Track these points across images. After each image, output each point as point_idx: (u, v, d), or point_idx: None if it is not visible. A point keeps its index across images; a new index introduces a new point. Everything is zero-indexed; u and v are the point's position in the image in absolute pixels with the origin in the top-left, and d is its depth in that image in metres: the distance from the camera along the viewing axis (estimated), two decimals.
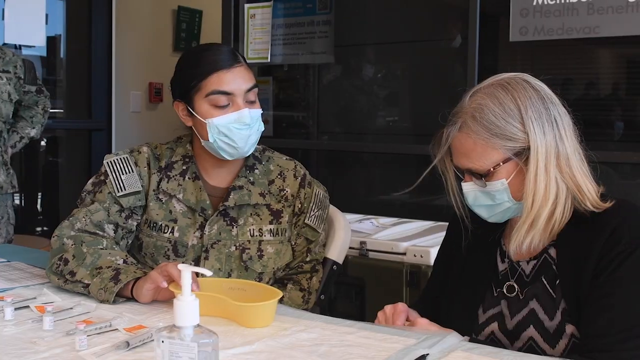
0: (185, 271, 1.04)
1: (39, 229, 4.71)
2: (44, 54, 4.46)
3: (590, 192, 1.40)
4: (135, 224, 1.81)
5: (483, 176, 1.40)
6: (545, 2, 2.86)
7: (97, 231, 1.75)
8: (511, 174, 1.39)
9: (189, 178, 1.83)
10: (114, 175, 1.80)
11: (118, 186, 1.79)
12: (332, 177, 1.94)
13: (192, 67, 1.78)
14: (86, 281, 1.62)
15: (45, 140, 4.79)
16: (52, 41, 4.49)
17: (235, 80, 1.75)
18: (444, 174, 1.49)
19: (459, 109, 1.43)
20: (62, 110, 4.71)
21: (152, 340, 1.30)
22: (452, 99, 1.50)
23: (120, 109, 4.70)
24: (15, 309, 1.48)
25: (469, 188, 1.44)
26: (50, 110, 4.58)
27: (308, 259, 1.88)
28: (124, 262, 1.67)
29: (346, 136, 4.14)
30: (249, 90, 1.77)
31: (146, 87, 4.90)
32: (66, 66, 4.66)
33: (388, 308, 1.53)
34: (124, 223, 1.79)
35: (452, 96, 1.50)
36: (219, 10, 4.01)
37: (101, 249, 1.70)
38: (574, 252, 1.40)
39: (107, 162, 1.82)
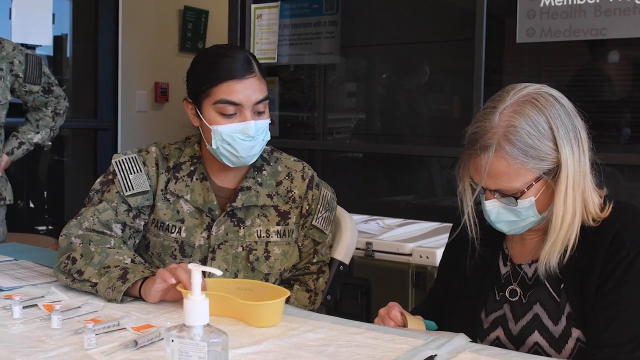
0: (196, 270, 1.05)
1: (44, 227, 4.72)
2: (51, 53, 4.47)
3: (594, 209, 1.39)
4: (142, 223, 1.82)
5: (514, 196, 1.38)
6: (552, 4, 2.85)
7: (105, 230, 1.75)
8: (539, 191, 1.38)
9: (196, 179, 1.83)
10: (122, 175, 1.80)
11: (126, 185, 1.79)
12: (338, 177, 1.94)
13: (205, 71, 1.76)
14: (94, 280, 1.62)
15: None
16: (58, 40, 4.50)
17: (245, 91, 1.73)
18: (460, 195, 1.46)
19: (487, 128, 1.37)
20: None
21: (161, 339, 1.31)
22: (458, 101, 1.49)
23: (126, 108, 4.70)
24: (24, 307, 1.49)
25: (492, 205, 1.41)
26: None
27: (315, 260, 1.88)
28: (132, 261, 1.67)
29: (352, 137, 4.14)
30: (259, 102, 1.76)
31: (152, 86, 4.91)
32: (72, 65, 4.67)
33: (382, 310, 1.54)
34: (131, 222, 1.79)
35: (458, 98, 1.50)
36: (226, 11, 4.02)
37: (109, 248, 1.70)
38: (578, 257, 1.39)
39: (116, 162, 1.82)
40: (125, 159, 1.83)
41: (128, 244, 1.79)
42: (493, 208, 1.41)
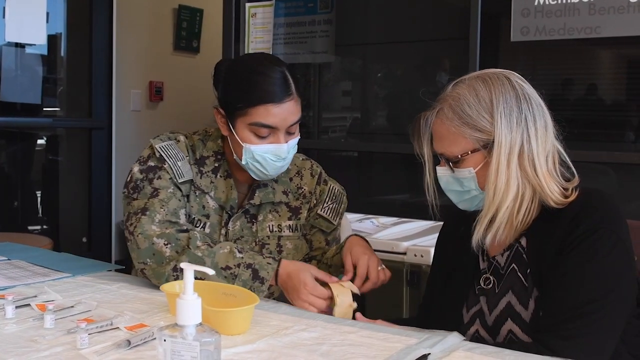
0: (188, 270, 1.05)
1: (38, 227, 4.71)
2: (45, 52, 4.45)
3: (553, 193, 1.42)
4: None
5: (453, 162, 1.45)
6: (547, 2, 2.86)
7: (176, 220, 1.71)
8: (479, 164, 1.44)
9: (220, 176, 1.82)
10: (172, 161, 1.76)
11: (178, 172, 1.75)
12: (333, 176, 1.95)
13: (242, 89, 1.72)
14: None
15: (45, 138, 4.78)
16: (52, 39, 4.49)
17: (282, 114, 1.70)
18: (422, 158, 1.53)
19: (441, 96, 1.49)
20: (62, 109, 4.71)
21: (153, 338, 1.31)
22: None
23: (121, 107, 4.69)
24: (16, 307, 1.48)
25: (442, 172, 1.50)
26: (51, 109, 4.63)
27: (328, 248, 1.89)
28: (239, 251, 1.66)
29: (346, 136, 4.14)
30: (293, 124, 1.74)
31: (146, 85, 4.90)
32: (67, 65, 4.66)
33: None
34: (188, 208, 1.78)
35: None
36: (220, 9, 4.01)
37: (209, 246, 1.67)
38: (542, 240, 1.42)
39: (160, 147, 1.77)
40: (167, 145, 1.78)
41: None
42: (443, 175, 1.50)
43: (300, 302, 1.60)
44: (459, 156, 1.44)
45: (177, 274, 1.63)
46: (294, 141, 1.77)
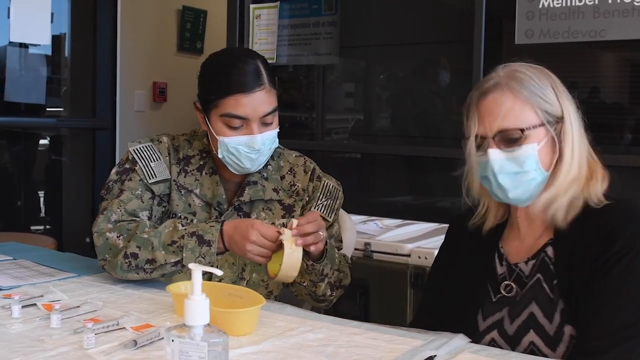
0: (196, 270, 1.05)
1: (42, 227, 4.72)
2: (49, 52, 4.46)
3: (598, 182, 1.40)
4: (162, 210, 1.82)
5: (516, 139, 1.38)
6: (551, 5, 2.86)
7: (134, 219, 1.75)
8: (542, 140, 1.39)
9: (205, 173, 1.84)
10: (144, 163, 1.80)
11: (149, 173, 1.79)
12: (336, 178, 1.95)
13: (215, 81, 1.75)
14: (172, 260, 1.63)
15: (49, 138, 4.79)
16: (57, 40, 4.49)
17: (252, 105, 1.71)
18: (475, 140, 1.42)
19: (491, 77, 1.43)
20: (66, 109, 4.71)
21: (160, 339, 1.31)
22: (456, 102, 1.49)
23: (125, 108, 4.70)
24: (23, 306, 1.49)
25: (496, 156, 1.39)
26: (55, 109, 4.64)
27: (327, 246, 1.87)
28: (182, 225, 1.67)
29: (350, 137, 4.14)
30: (267, 114, 1.74)
31: (150, 86, 4.90)
32: (71, 65, 4.66)
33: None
34: (156, 209, 1.80)
35: (456, 99, 1.50)
36: (224, 11, 4.01)
37: (155, 229, 1.69)
38: (572, 252, 1.39)
39: (134, 150, 1.82)
40: (143, 147, 1.83)
41: None
42: (497, 158, 1.39)
43: (250, 246, 1.59)
44: (525, 128, 1.37)
45: (129, 260, 1.66)
46: (270, 133, 1.76)
